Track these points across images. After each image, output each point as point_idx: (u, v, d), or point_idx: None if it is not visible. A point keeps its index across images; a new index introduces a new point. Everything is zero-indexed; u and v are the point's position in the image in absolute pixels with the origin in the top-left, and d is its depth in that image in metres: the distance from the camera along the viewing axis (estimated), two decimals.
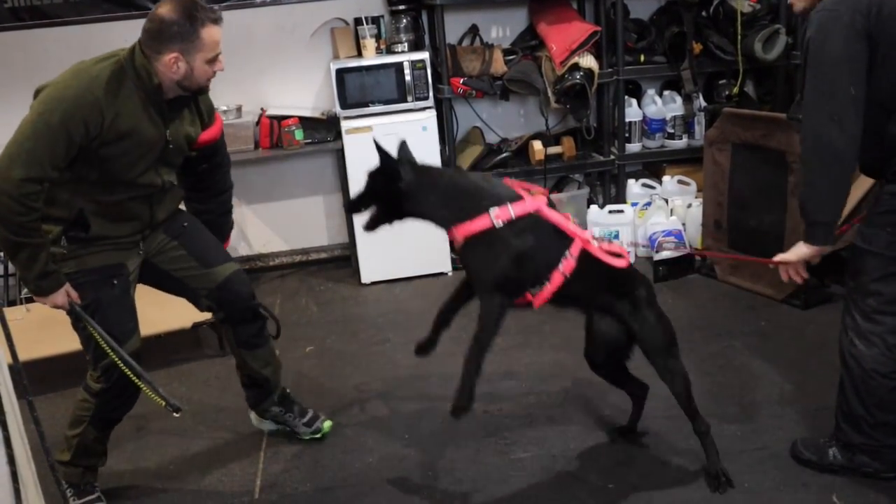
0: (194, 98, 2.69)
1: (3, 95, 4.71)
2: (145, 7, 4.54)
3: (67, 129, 2.34)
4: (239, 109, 4.70)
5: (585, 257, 2.53)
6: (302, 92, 4.96)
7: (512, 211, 2.43)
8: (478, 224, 2.41)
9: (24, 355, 3.82)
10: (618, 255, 2.60)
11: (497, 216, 2.41)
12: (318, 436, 3.15)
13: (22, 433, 1.98)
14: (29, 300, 4.69)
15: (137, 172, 2.57)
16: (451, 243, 2.56)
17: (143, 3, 4.57)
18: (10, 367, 1.99)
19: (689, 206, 4.73)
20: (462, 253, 2.53)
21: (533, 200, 2.50)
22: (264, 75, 4.86)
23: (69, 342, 3.88)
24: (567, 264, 2.51)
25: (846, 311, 2.60)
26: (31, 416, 2.08)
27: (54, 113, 2.34)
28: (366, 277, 4.74)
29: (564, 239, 2.52)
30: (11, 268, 4.76)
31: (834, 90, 2.33)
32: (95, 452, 2.87)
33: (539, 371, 3.57)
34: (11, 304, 4.68)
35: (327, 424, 3.19)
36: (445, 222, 2.50)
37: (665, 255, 4.48)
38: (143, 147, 2.54)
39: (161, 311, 4.07)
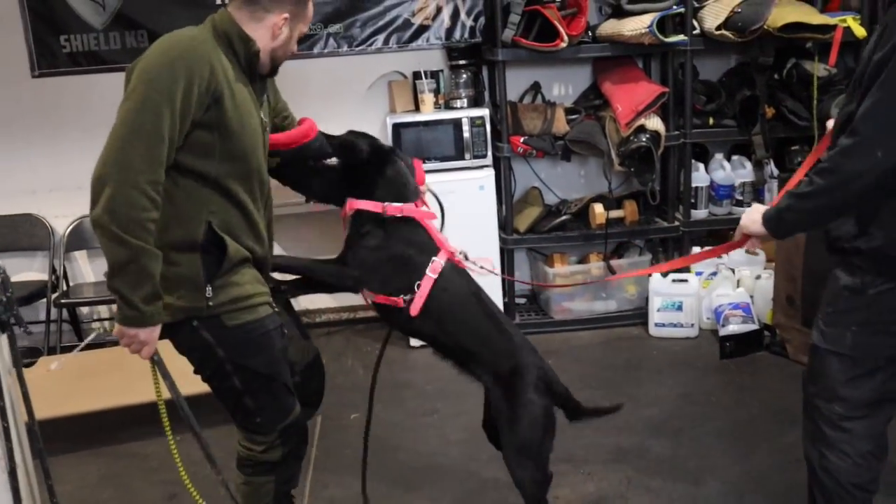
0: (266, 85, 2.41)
1: (54, 139, 4.71)
2: None
3: (179, 92, 1.99)
4: None
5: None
6: None
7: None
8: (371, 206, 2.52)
9: (57, 409, 3.70)
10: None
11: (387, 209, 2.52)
12: None
13: (34, 489, 1.81)
14: (66, 349, 4.59)
15: (252, 159, 2.22)
16: None
17: None
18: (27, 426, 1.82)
19: (758, 277, 4.48)
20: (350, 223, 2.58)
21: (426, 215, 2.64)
22: (319, 126, 4.74)
23: (108, 396, 3.78)
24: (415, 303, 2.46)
25: (808, 418, 2.32)
26: (43, 469, 1.94)
27: (163, 79, 2.00)
28: (415, 340, 4.55)
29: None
30: (53, 313, 4.67)
31: None
32: None
33: (597, 454, 3.32)
34: (51, 351, 4.58)
35: None
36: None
37: (732, 329, 4.23)
38: (252, 124, 2.20)
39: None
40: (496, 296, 4.52)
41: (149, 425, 3.81)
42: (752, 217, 2.26)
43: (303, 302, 5.00)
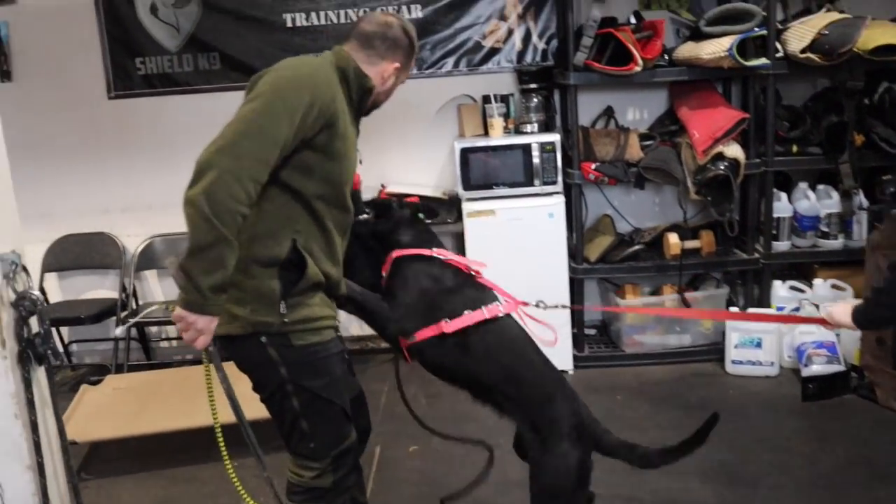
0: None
1: (127, 159, 4.78)
2: None
3: (302, 107, 2.07)
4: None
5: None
6: (424, 169, 4.79)
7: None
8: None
9: (120, 430, 3.70)
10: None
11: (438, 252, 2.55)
12: None
13: None
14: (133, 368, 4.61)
15: (346, 188, 2.27)
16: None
17: None
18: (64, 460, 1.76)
19: None
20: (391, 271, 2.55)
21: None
22: (386, 150, 4.71)
23: (171, 418, 3.76)
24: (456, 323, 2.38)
25: None
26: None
27: (290, 90, 2.09)
28: None
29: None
30: (122, 331, 4.71)
31: None
32: None
33: (665, 501, 3.14)
34: (119, 369, 4.62)
35: None
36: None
37: (815, 369, 3.98)
38: (352, 154, 2.29)
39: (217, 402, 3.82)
40: (565, 327, 4.36)
41: (208, 449, 3.79)
42: (843, 309, 2.31)
43: (367, 327, 4.92)
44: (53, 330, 4.68)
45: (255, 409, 2.34)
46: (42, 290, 4.74)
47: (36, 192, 4.76)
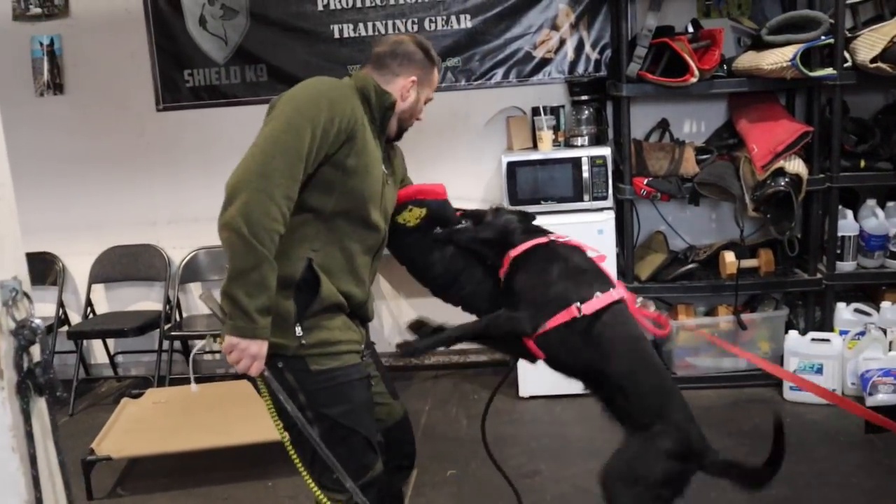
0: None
1: (174, 172, 4.78)
2: None
3: (322, 121, 2.08)
4: None
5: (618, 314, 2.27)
6: (471, 182, 4.67)
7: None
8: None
9: (155, 446, 3.67)
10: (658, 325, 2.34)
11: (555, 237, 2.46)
12: None
13: None
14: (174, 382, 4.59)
15: (371, 205, 2.23)
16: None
17: None
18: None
19: None
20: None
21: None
22: (433, 162, 4.60)
23: (208, 435, 3.71)
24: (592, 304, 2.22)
25: None
26: None
27: (309, 106, 2.09)
28: (524, 390, 4.29)
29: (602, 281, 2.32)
30: (165, 344, 4.69)
31: None
32: None
33: None
34: (161, 381, 4.61)
35: None
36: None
37: (881, 399, 3.74)
38: (375, 171, 2.24)
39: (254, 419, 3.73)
40: None
41: (245, 468, 3.74)
42: None
43: None
44: (99, 341, 4.74)
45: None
46: (89, 302, 4.78)
47: (85, 203, 4.81)
